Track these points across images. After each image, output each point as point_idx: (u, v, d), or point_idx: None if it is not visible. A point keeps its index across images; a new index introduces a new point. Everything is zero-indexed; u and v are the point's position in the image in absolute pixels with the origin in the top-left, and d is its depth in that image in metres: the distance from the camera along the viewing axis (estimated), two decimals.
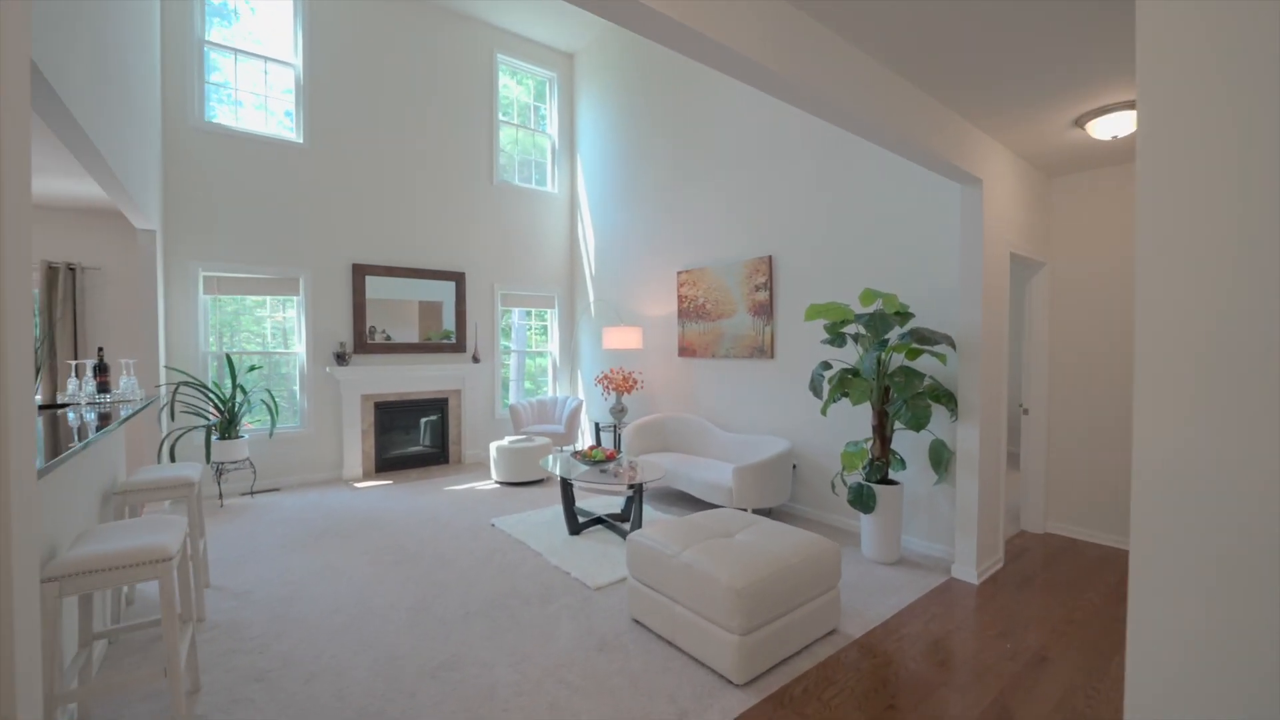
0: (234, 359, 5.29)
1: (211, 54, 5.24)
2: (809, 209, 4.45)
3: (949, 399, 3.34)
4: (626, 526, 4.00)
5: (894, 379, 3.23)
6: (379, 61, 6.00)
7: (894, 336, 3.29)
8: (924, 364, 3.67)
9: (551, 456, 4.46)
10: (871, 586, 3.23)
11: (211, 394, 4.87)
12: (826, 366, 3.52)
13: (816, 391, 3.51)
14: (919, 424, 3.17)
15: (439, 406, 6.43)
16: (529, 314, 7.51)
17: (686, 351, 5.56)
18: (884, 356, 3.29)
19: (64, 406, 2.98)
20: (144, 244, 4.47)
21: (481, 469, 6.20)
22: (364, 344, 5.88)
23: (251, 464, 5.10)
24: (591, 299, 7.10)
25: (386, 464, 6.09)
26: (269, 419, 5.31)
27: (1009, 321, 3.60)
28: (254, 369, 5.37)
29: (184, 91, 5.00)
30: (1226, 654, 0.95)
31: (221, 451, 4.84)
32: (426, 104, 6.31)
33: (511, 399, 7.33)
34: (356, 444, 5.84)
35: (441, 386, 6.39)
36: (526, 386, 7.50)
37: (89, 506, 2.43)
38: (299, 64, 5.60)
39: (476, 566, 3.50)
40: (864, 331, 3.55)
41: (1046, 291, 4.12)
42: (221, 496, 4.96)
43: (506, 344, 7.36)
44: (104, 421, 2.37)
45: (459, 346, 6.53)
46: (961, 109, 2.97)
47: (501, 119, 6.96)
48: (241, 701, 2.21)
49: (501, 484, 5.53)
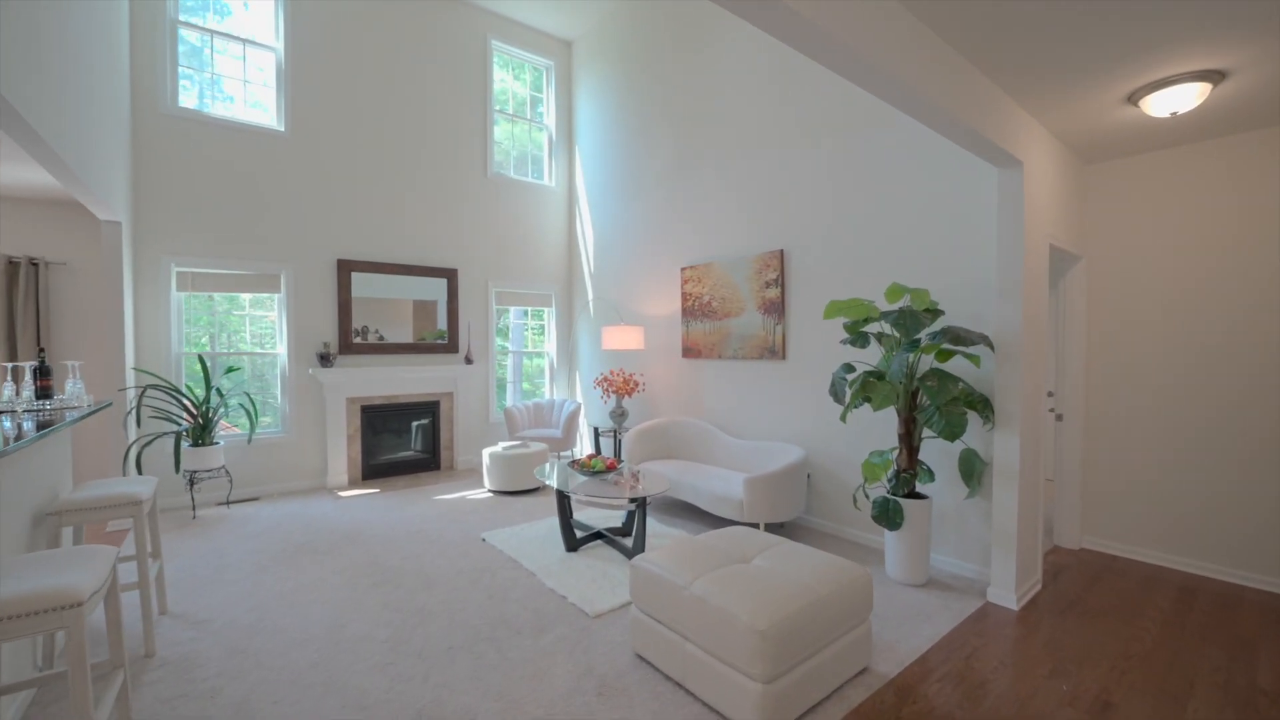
0: (208, 360, 4.98)
1: (185, 35, 4.92)
2: (824, 200, 4.13)
3: (984, 405, 3.03)
4: (628, 542, 3.69)
5: (925, 383, 2.91)
6: (366, 46, 5.68)
7: (924, 336, 2.98)
8: (955, 366, 3.36)
9: (548, 465, 4.14)
10: (901, 613, 2.91)
11: (182, 397, 4.55)
12: (849, 369, 3.20)
13: (838, 396, 3.19)
14: (954, 433, 2.86)
15: (430, 410, 6.11)
16: (526, 313, 7.19)
17: (691, 352, 5.25)
18: (913, 358, 2.97)
19: None
20: (108, 236, 4.14)
21: (474, 476, 5.88)
22: (350, 344, 5.56)
23: (227, 472, 4.77)
24: (590, 297, 6.78)
25: (374, 471, 5.77)
26: (248, 424, 4.98)
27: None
28: (231, 370, 5.05)
29: (154, 74, 4.68)
30: None
31: (194, 459, 4.51)
32: (416, 92, 5.99)
33: (509, 402, 7.02)
34: (341, 450, 5.52)
35: (432, 389, 6.07)
36: (525, 388, 7.18)
37: (15, 531, 2.11)
38: (280, 47, 5.28)
39: (463, 589, 3.18)
40: (890, 330, 3.24)
41: (1082, 287, 3.80)
42: (194, 508, 4.63)
43: (504, 344, 7.05)
44: (40, 431, 2.05)
45: (451, 347, 6.21)
46: (1003, 80, 2.66)
47: (496, 110, 6.64)
48: None
49: (494, 493, 5.21)
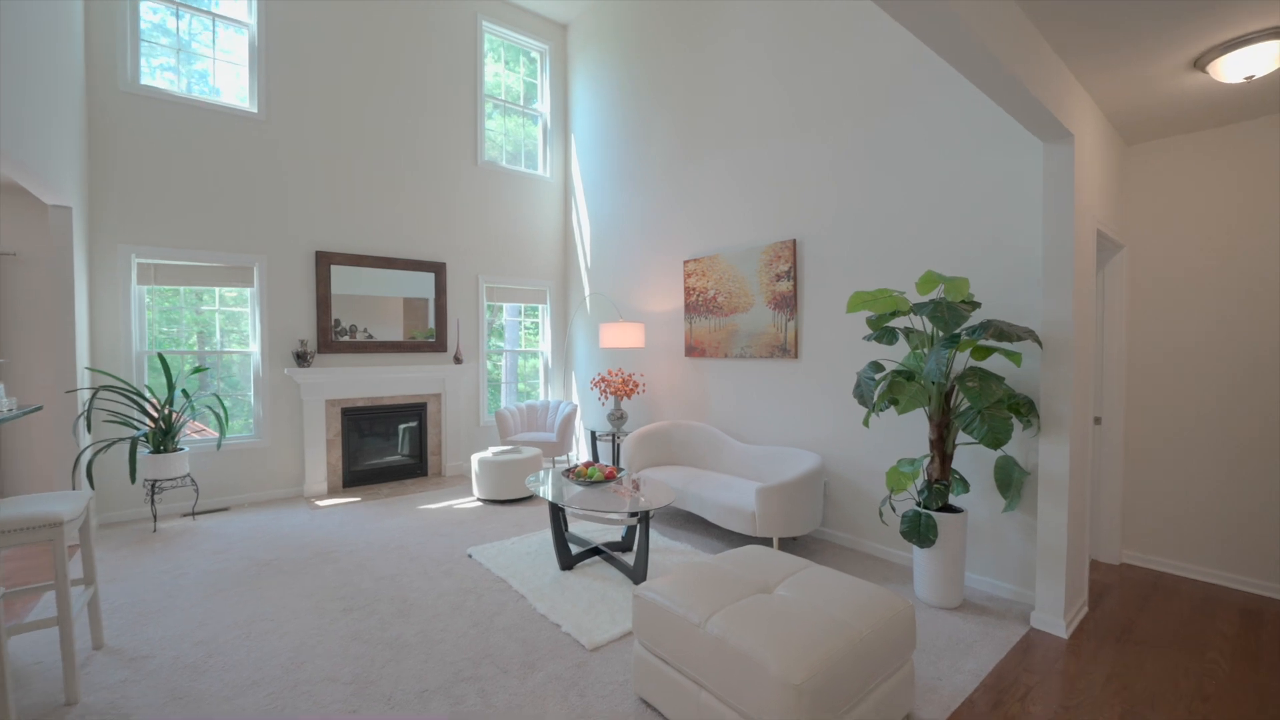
0: (172, 359, 4.61)
1: (150, 7, 4.55)
2: (840, 187, 3.80)
3: (1027, 408, 2.70)
4: (628, 559, 3.34)
5: (965, 383, 2.58)
6: (347, 23, 5.32)
7: (963, 331, 2.65)
8: (991, 365, 3.03)
9: (541, 474, 3.79)
10: (938, 643, 2.58)
11: (142, 400, 4.18)
12: (877, 368, 2.87)
13: (864, 399, 2.86)
14: (998, 440, 2.53)
15: (416, 413, 5.75)
16: (520, 310, 6.84)
17: (695, 351, 4.91)
18: (950, 356, 2.64)
19: None
20: (56, 222, 3.77)
21: (463, 483, 5.53)
22: (329, 342, 5.20)
23: (193, 481, 4.40)
24: (587, 293, 6.43)
25: (355, 478, 5.40)
26: (217, 427, 4.61)
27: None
28: (199, 370, 4.68)
29: (113, 49, 4.31)
30: None
31: (155, 468, 4.14)
32: (402, 74, 5.63)
33: (504, 404, 6.66)
34: (320, 456, 5.15)
35: (419, 390, 5.71)
36: (520, 388, 6.83)
37: None
38: (253, 24, 4.91)
39: (444, 615, 2.82)
40: (922, 325, 2.92)
41: (1124, 279, 3.49)
42: (155, 520, 4.26)
43: (499, 343, 6.70)
44: None
45: (439, 345, 5.85)
46: (1059, 37, 2.33)
47: (487, 96, 6.29)
48: None
49: (484, 502, 4.85)
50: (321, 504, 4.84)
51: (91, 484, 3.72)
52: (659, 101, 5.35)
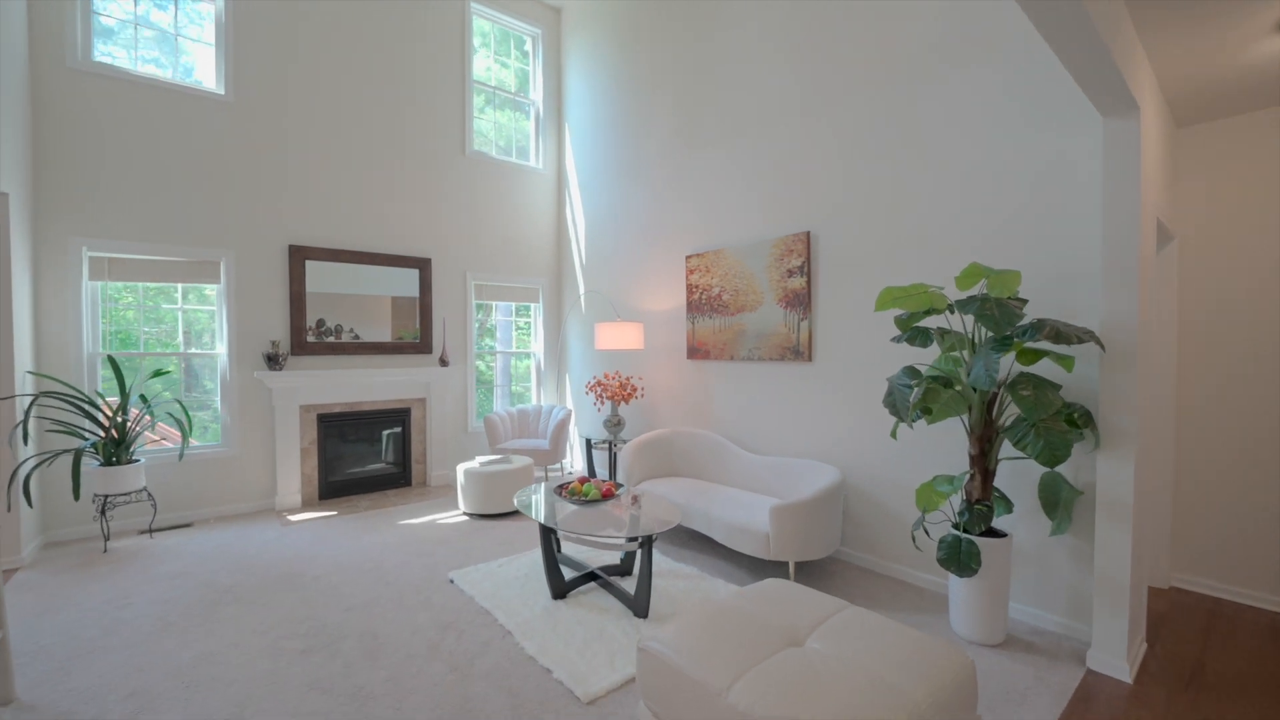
0: (129, 362, 4.23)
1: None
2: (861, 173, 3.47)
3: (1083, 420, 2.37)
4: (628, 586, 3.00)
5: (1018, 391, 2.25)
6: (325, 1, 4.94)
7: (1014, 332, 2.32)
8: (1038, 371, 2.70)
9: (531, 491, 3.44)
10: (987, 689, 2.25)
11: (90, 406, 3.79)
12: (912, 374, 2.52)
13: (897, 409, 2.52)
14: (1055, 456, 2.20)
15: (399, 419, 5.38)
16: (512, 310, 6.48)
17: (698, 353, 4.57)
18: (999, 360, 2.30)
19: None
20: None
21: (449, 494, 5.16)
22: (304, 343, 4.82)
23: (150, 495, 4.02)
24: (582, 291, 6.08)
25: (333, 489, 5.02)
26: (181, 435, 4.23)
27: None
28: (159, 374, 4.29)
29: (60, 21, 3.92)
30: None
31: (105, 482, 3.76)
32: (384, 57, 5.26)
33: (496, 408, 6.30)
34: (294, 466, 4.77)
35: (402, 394, 5.34)
36: (514, 390, 6.47)
37: None
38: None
39: (419, 658, 2.47)
40: (963, 325, 2.58)
41: (1174, 273, 3.17)
42: (107, 538, 3.87)
43: (491, 342, 6.34)
44: None
45: (424, 347, 5.48)
46: None
47: (476, 82, 5.92)
48: None
49: (470, 516, 4.49)
50: (294, 519, 4.47)
51: (29, 501, 3.34)
52: (658, 86, 5.00)
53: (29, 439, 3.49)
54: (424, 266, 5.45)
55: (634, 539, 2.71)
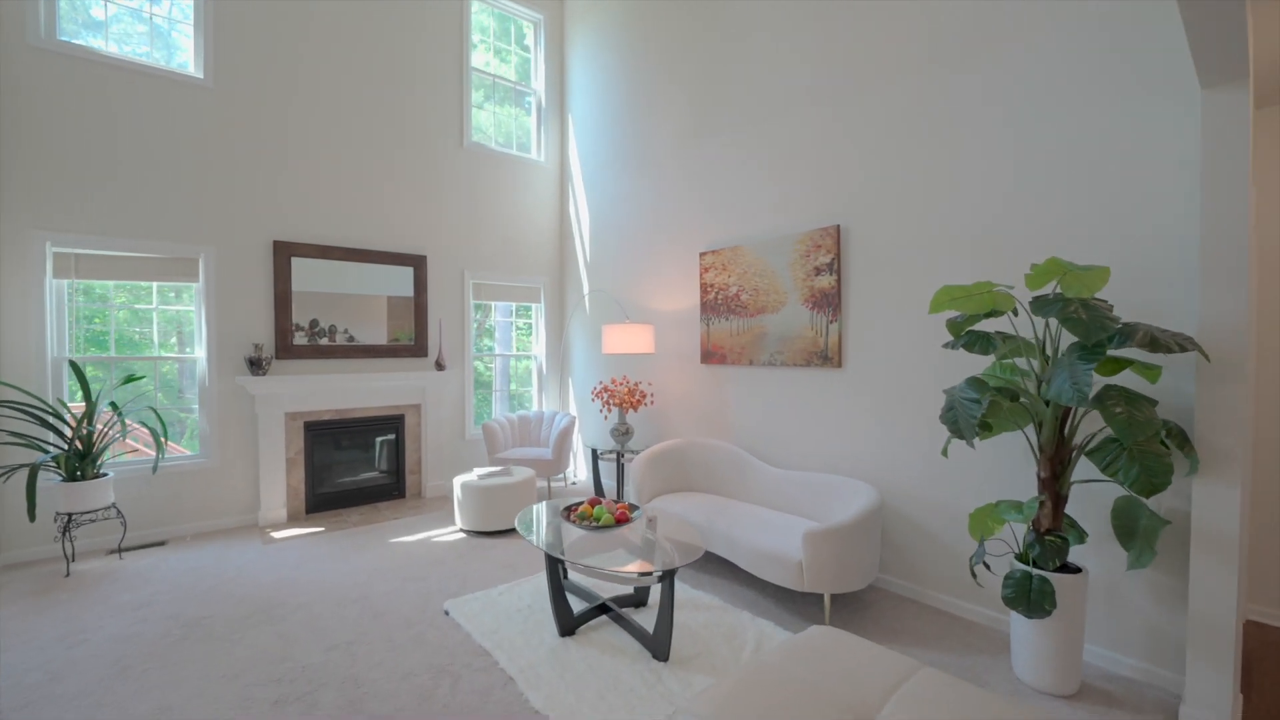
0: (98, 366, 3.90)
1: None
2: (898, 160, 3.15)
3: (1178, 440, 2.05)
4: (644, 621, 2.67)
5: (1108, 409, 1.92)
6: None
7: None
8: (1121, 382, 2.38)
9: (535, 513, 3.11)
10: None
11: (55, 416, 3.46)
12: (978, 386, 2.19)
13: (957, 425, 2.18)
14: (1153, 485, 1.88)
15: (392, 426, 5.05)
16: (512, 310, 6.16)
17: (713, 357, 4.24)
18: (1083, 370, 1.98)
19: None
20: None
21: (445, 506, 4.83)
22: (289, 346, 4.49)
23: (119, 512, 3.69)
24: (586, 290, 5.75)
25: (321, 501, 4.69)
26: (156, 445, 3.90)
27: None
28: (131, 380, 3.96)
29: None
30: None
31: (68, 499, 3.43)
32: (377, 41, 4.93)
33: (495, 413, 5.98)
34: (279, 477, 4.44)
35: (395, 400, 5.01)
36: (512, 389, 6.14)
37: None
38: None
39: (409, 710, 2.14)
40: (1033, 330, 2.26)
41: (1254, 272, 2.85)
42: (70, 560, 3.54)
43: (489, 343, 6.02)
44: None
45: (419, 349, 5.15)
46: None
47: (476, 70, 5.60)
48: None
49: (468, 533, 4.16)
50: (277, 535, 4.13)
51: None
52: (669, 72, 4.68)
53: None
54: (419, 264, 5.12)
55: (650, 575, 2.38)
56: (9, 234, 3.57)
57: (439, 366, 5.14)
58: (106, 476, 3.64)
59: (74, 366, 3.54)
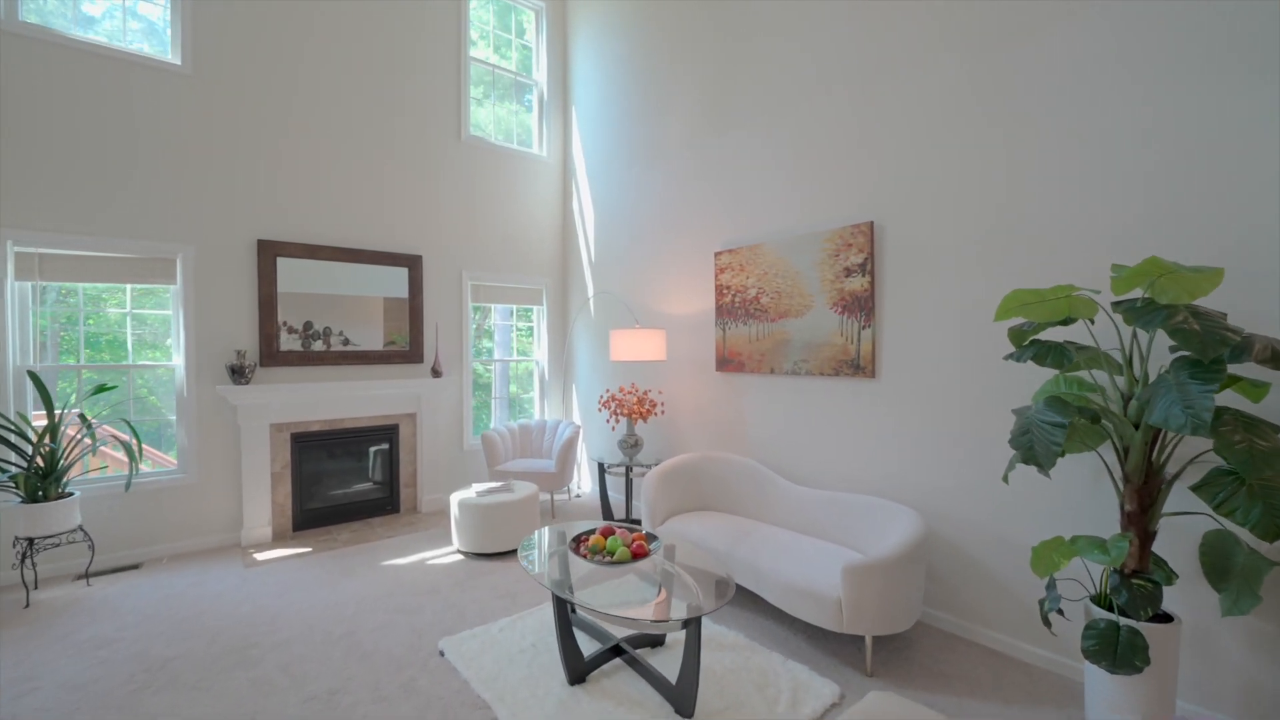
0: (66, 376, 3.61)
1: None
2: (941, 149, 2.85)
3: None
4: (661, 663, 2.37)
5: (1225, 438, 1.62)
6: None
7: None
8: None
9: (540, 543, 2.82)
10: None
11: (17, 432, 3.17)
12: (1059, 407, 1.88)
13: (1035, 453, 1.86)
14: (1279, 528, 1.58)
15: (386, 436, 4.75)
16: (512, 312, 5.86)
17: (730, 364, 3.94)
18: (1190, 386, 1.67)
19: None
20: None
21: (441, 522, 4.53)
22: (275, 353, 4.19)
23: (86, 535, 3.39)
24: (590, 293, 5.45)
25: (310, 518, 4.39)
26: (128, 461, 3.60)
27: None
28: (103, 390, 3.66)
29: None
30: None
31: (28, 522, 3.13)
32: (370, 28, 4.63)
33: (492, 423, 5.69)
34: (264, 493, 4.14)
35: (389, 410, 4.71)
36: (513, 391, 5.84)
37: None
38: None
39: None
40: (1121, 340, 1.96)
41: None
42: (31, 588, 3.24)
43: (489, 344, 5.74)
44: None
45: (414, 355, 4.85)
46: None
47: (474, 59, 5.30)
48: None
49: (465, 555, 3.86)
50: (261, 557, 3.84)
51: None
52: (681, 57, 4.38)
53: None
54: (414, 265, 4.82)
55: (679, 622, 2.08)
56: None
57: (435, 373, 4.84)
58: (72, 496, 3.34)
59: (33, 378, 3.24)
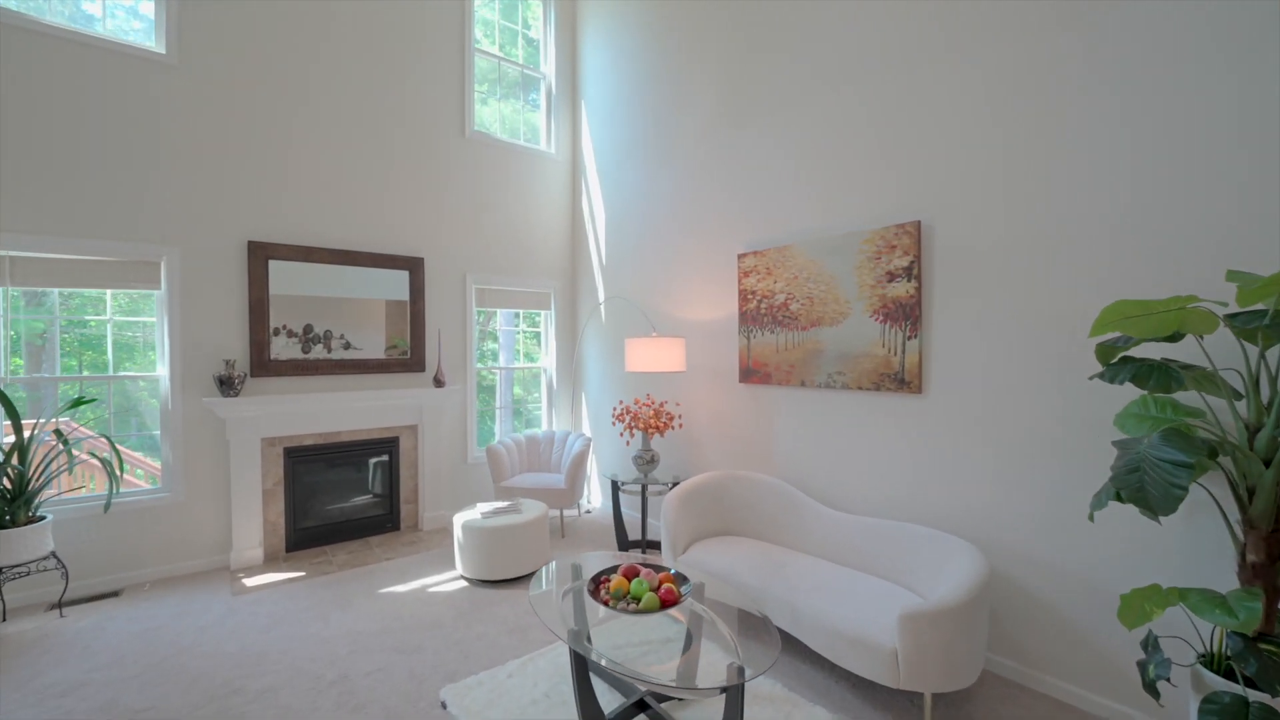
0: (39, 388, 3.35)
1: None
2: (1001, 139, 2.55)
3: None
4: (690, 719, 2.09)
5: None
6: None
7: None
8: None
9: (553, 589, 2.53)
10: None
11: None
12: (1186, 445, 1.56)
13: (1146, 495, 1.56)
14: None
15: (385, 450, 4.47)
16: (517, 317, 5.59)
17: (755, 375, 3.65)
18: None
19: None
20: None
21: (444, 542, 4.25)
22: (266, 362, 3.92)
23: (60, 561, 3.13)
24: (601, 297, 5.17)
25: (304, 537, 4.12)
26: (108, 480, 3.34)
27: None
28: (80, 403, 3.39)
29: None
30: None
31: None
32: (369, 18, 4.36)
33: (497, 435, 5.42)
34: (254, 512, 3.87)
35: (389, 421, 4.43)
36: (516, 394, 5.57)
37: None
38: None
39: None
40: (1245, 358, 1.67)
41: None
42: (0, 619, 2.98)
43: (493, 346, 5.48)
44: None
45: (416, 363, 4.57)
46: None
47: (479, 49, 5.03)
48: None
49: (470, 582, 3.58)
50: (251, 583, 3.56)
51: None
52: (700, 43, 4.09)
53: None
54: (415, 267, 4.55)
55: (719, 688, 1.79)
56: None
57: (438, 383, 4.56)
58: (44, 520, 3.08)
59: (1, 397, 2.97)
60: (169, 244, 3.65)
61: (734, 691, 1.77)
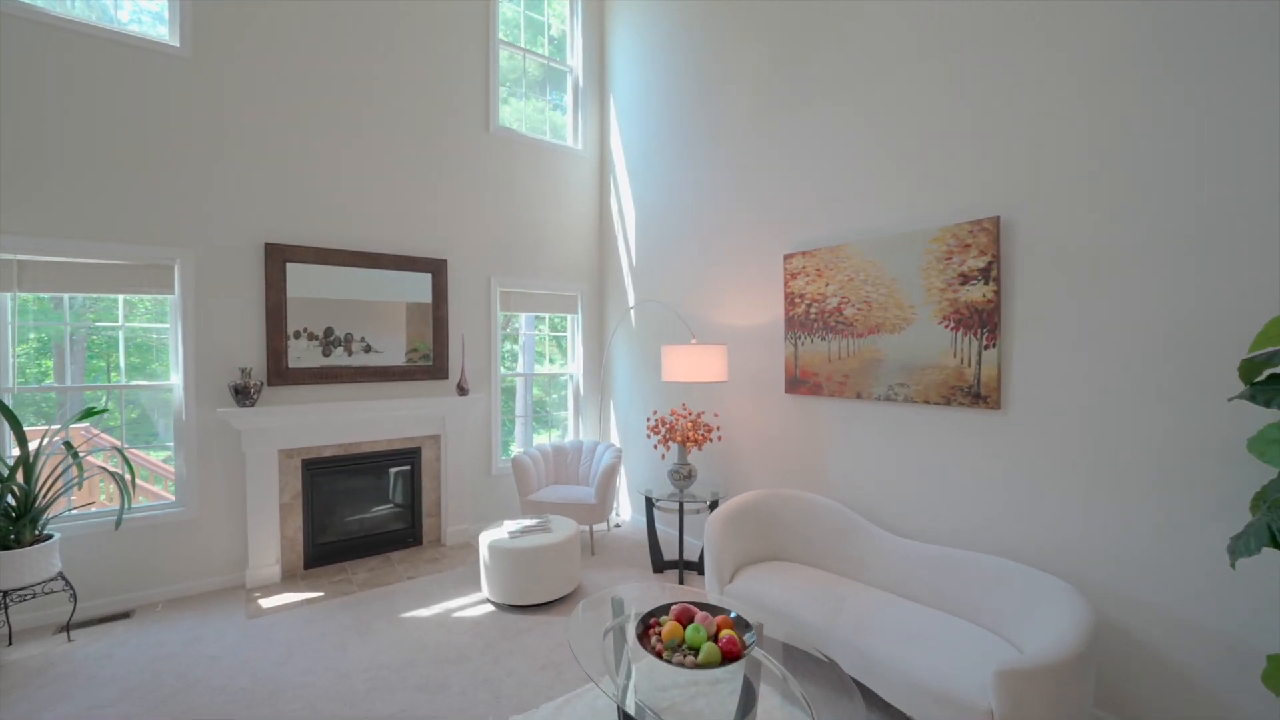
0: (47, 398, 3.19)
1: None
2: (1096, 126, 2.25)
3: None
4: None
5: None
6: None
7: None
8: None
9: (579, 615, 2.28)
10: None
11: None
12: None
13: None
14: None
15: (407, 461, 4.27)
16: (538, 321, 5.37)
17: (803, 385, 3.37)
18: None
19: None
20: None
21: (469, 558, 4.03)
22: (283, 370, 3.73)
23: (67, 583, 2.96)
24: (631, 301, 4.92)
25: (323, 553, 3.93)
26: (120, 495, 3.16)
27: None
28: (92, 414, 3.23)
29: None
30: None
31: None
32: (390, 10, 4.16)
33: (523, 444, 5.20)
34: (271, 528, 3.69)
35: (410, 431, 4.23)
36: (536, 396, 5.34)
37: None
38: None
39: None
40: None
41: None
42: (4, 643, 2.81)
43: (514, 348, 5.28)
44: None
45: (438, 370, 4.36)
46: None
47: (503, 41, 4.81)
48: None
49: (497, 607, 3.35)
50: (267, 604, 3.37)
51: None
52: (740, 29, 3.82)
53: None
54: (438, 270, 4.34)
55: None
56: None
57: (462, 390, 4.35)
58: (51, 540, 2.91)
59: (4, 410, 2.81)
60: (183, 246, 3.48)
61: None
